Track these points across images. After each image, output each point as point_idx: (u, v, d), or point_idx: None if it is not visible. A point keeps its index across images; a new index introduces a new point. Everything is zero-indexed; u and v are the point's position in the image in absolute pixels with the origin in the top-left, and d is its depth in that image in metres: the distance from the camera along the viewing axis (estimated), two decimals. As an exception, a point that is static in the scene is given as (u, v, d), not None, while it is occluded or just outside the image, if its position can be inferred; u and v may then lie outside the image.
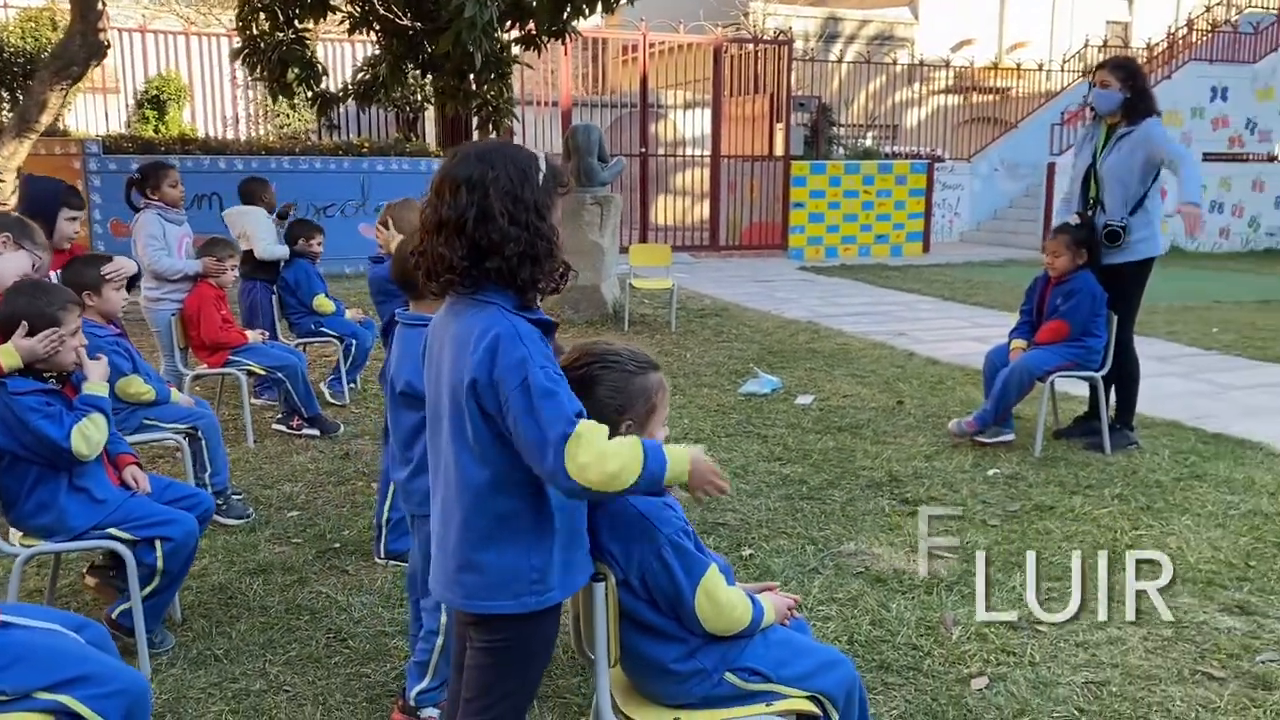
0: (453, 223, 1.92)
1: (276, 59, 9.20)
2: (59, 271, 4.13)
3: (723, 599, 2.10)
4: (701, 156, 16.38)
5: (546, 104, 15.59)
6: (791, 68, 16.28)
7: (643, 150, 15.47)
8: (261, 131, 15.88)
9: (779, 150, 16.24)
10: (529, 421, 1.84)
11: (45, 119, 8.84)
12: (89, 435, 3.09)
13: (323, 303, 6.48)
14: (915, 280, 13.11)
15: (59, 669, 2.17)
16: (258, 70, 9.42)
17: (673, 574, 2.06)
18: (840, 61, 19.43)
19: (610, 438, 1.90)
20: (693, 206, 16.83)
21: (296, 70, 9.26)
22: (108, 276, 4.11)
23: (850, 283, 13.07)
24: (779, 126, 16.26)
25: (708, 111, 16.23)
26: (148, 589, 3.19)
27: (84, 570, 3.71)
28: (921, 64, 19.14)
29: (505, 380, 1.86)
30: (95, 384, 3.26)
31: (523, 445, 1.87)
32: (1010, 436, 5.58)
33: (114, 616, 3.24)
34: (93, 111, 14.44)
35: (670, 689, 2.16)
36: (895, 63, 19.42)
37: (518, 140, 15.30)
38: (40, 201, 4.22)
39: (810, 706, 2.18)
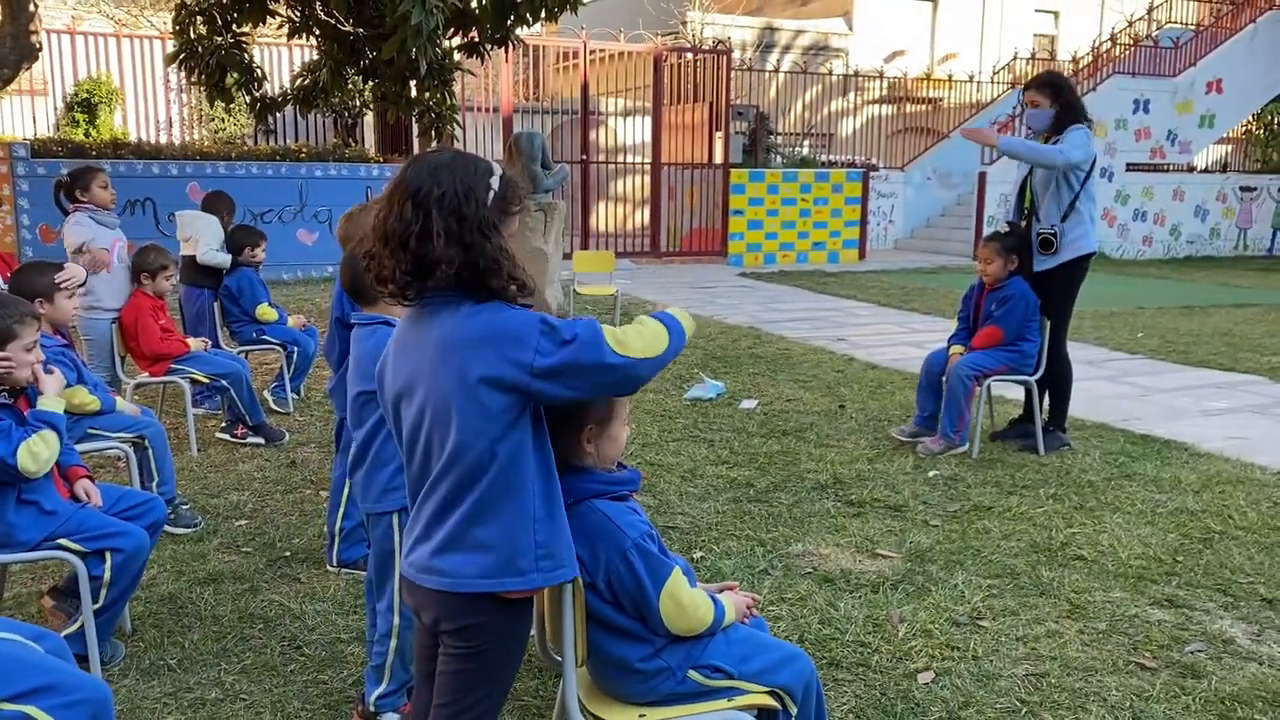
0: (397, 236, 1.95)
1: (215, 63, 9.08)
2: (5, 279, 4.06)
3: (686, 601, 2.16)
4: (642, 164, 16.49)
5: (487, 110, 15.57)
6: (730, 77, 16.47)
7: (583, 157, 15.53)
8: (196, 136, 15.62)
9: (718, 158, 16.41)
10: (572, 349, 1.92)
11: (-27, 122, 8.63)
12: (37, 453, 3.05)
13: (266, 311, 6.42)
14: (852, 286, 13.35)
15: (21, 679, 2.16)
16: (195, 75, 9.28)
17: (638, 577, 2.11)
18: (777, 71, 19.70)
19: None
20: (633, 213, 16.93)
21: (235, 75, 9.15)
22: (60, 284, 4.05)
23: (789, 289, 13.26)
24: (718, 135, 16.44)
25: (648, 119, 16.34)
26: (98, 604, 3.16)
27: (43, 591, 3.65)
28: (856, 74, 19.50)
29: (524, 340, 1.92)
30: (50, 400, 3.21)
31: (575, 370, 1.93)
32: (965, 446, 5.68)
33: (63, 637, 3.19)
34: (20, 114, 14.08)
35: (636, 687, 2.21)
36: (830, 73, 19.75)
37: (458, 146, 15.27)
38: None
39: (770, 701, 2.25)
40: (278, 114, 11.38)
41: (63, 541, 3.13)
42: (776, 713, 2.27)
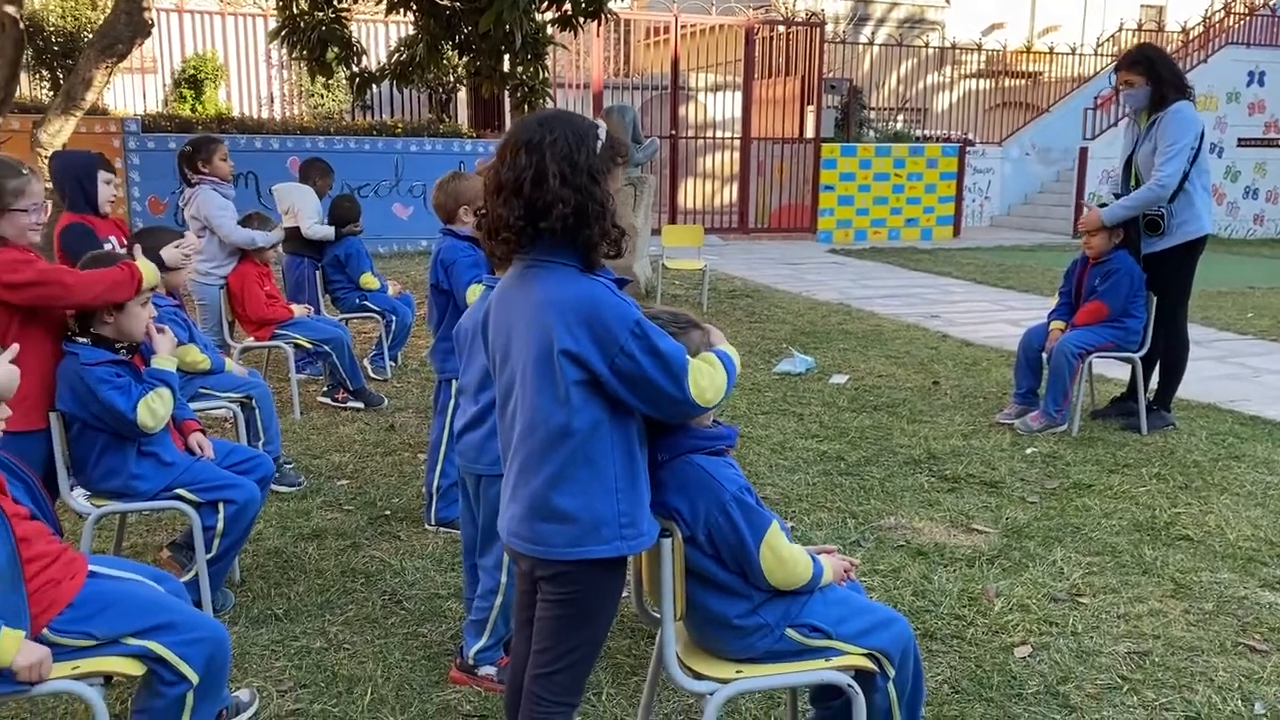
0: (511, 184, 2.00)
1: (316, 38, 9.25)
2: (123, 245, 4.23)
3: (785, 554, 2.17)
4: (731, 139, 16.37)
5: (577, 86, 15.62)
6: (823, 50, 16.22)
7: (672, 132, 15.48)
8: (296, 111, 16.00)
9: (809, 133, 16.21)
10: (654, 362, 1.97)
11: (90, 97, 8.96)
12: (155, 409, 3.17)
13: (369, 279, 6.59)
14: (946, 264, 13.09)
15: (146, 616, 2.27)
16: (297, 50, 9.48)
17: (738, 529, 2.13)
18: (871, 44, 19.32)
19: None
20: (721, 189, 16.83)
21: (336, 50, 9.32)
22: (185, 251, 4.21)
23: (881, 265, 13.06)
24: (810, 109, 16.22)
25: (737, 94, 16.21)
26: (211, 553, 3.29)
27: (159, 543, 3.82)
28: (953, 47, 19.01)
29: (615, 334, 1.96)
30: (163, 358, 3.34)
31: (644, 386, 1.98)
32: (1065, 425, 5.54)
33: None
34: (131, 91, 14.60)
35: (733, 643, 2.23)
36: (926, 46, 19.31)
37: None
38: (76, 168, 4.31)
39: (868, 663, 2.25)
40: (375, 89, 11.64)
41: (180, 491, 3.26)
42: (874, 675, 2.26)
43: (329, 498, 4.51)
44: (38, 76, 13.90)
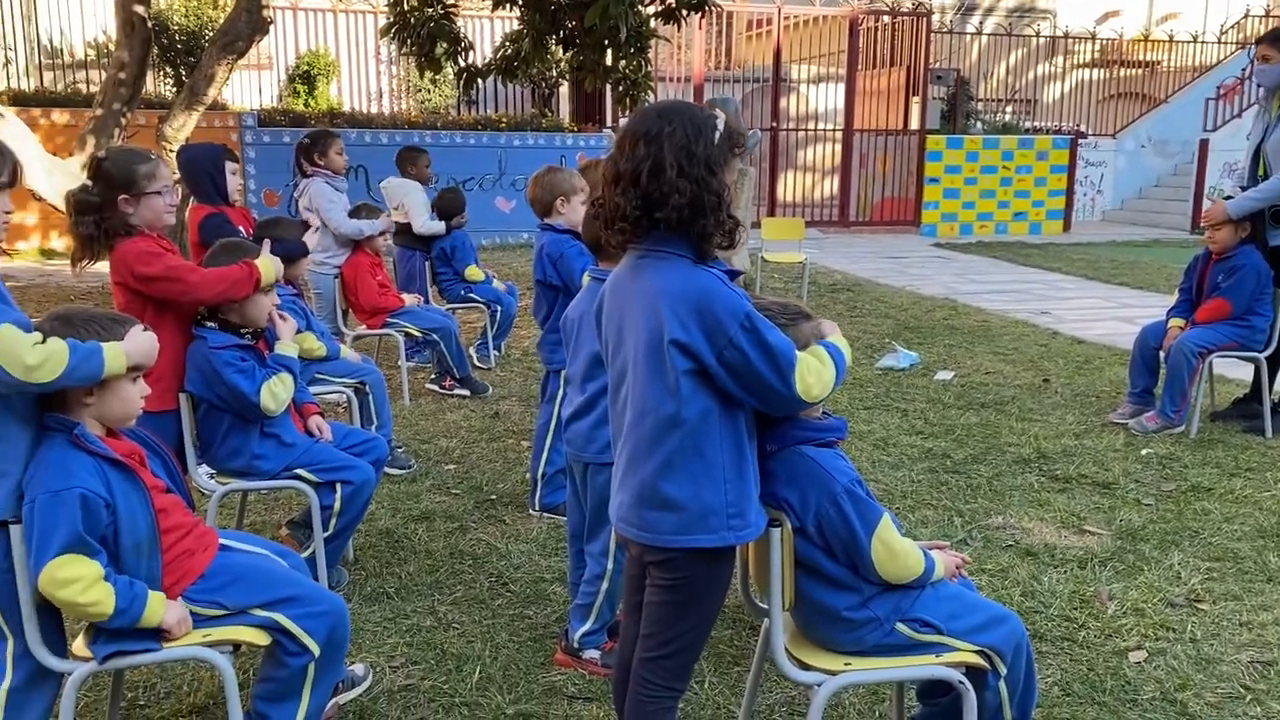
0: (629, 174, 2.02)
1: (425, 34, 9.45)
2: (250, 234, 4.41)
3: (898, 547, 2.15)
4: (832, 131, 16.17)
5: (678, 79, 15.63)
6: (929, 40, 15.90)
7: (773, 124, 15.37)
8: (404, 106, 16.38)
9: (914, 124, 15.91)
10: (761, 356, 1.98)
11: (211, 93, 9.33)
12: (276, 392, 3.30)
13: (474, 272, 6.72)
14: (1056, 259, 12.72)
15: (273, 589, 2.37)
16: (406, 45, 9.70)
17: (849, 521, 2.12)
18: (979, 34, 18.87)
19: None
20: (822, 182, 16.64)
21: (444, 45, 9.50)
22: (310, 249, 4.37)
23: (987, 260, 12.77)
24: (915, 100, 15.92)
25: (840, 85, 16.01)
26: (327, 531, 3.41)
27: (278, 521, 3.97)
28: (1065, 36, 18.44)
29: (725, 326, 1.97)
30: (285, 344, 3.47)
31: (751, 379, 1.99)
32: (1182, 427, 5.35)
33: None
34: (248, 86, 15.13)
35: (843, 636, 2.22)
36: (1037, 35, 18.76)
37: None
38: (205, 160, 4.50)
39: (979, 660, 2.22)
40: (480, 84, 11.85)
41: (299, 471, 3.39)
42: (985, 673, 2.23)
43: (437, 481, 4.62)
44: (163, 74, 14.50)
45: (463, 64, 9.82)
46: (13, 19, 13.75)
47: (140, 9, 9.12)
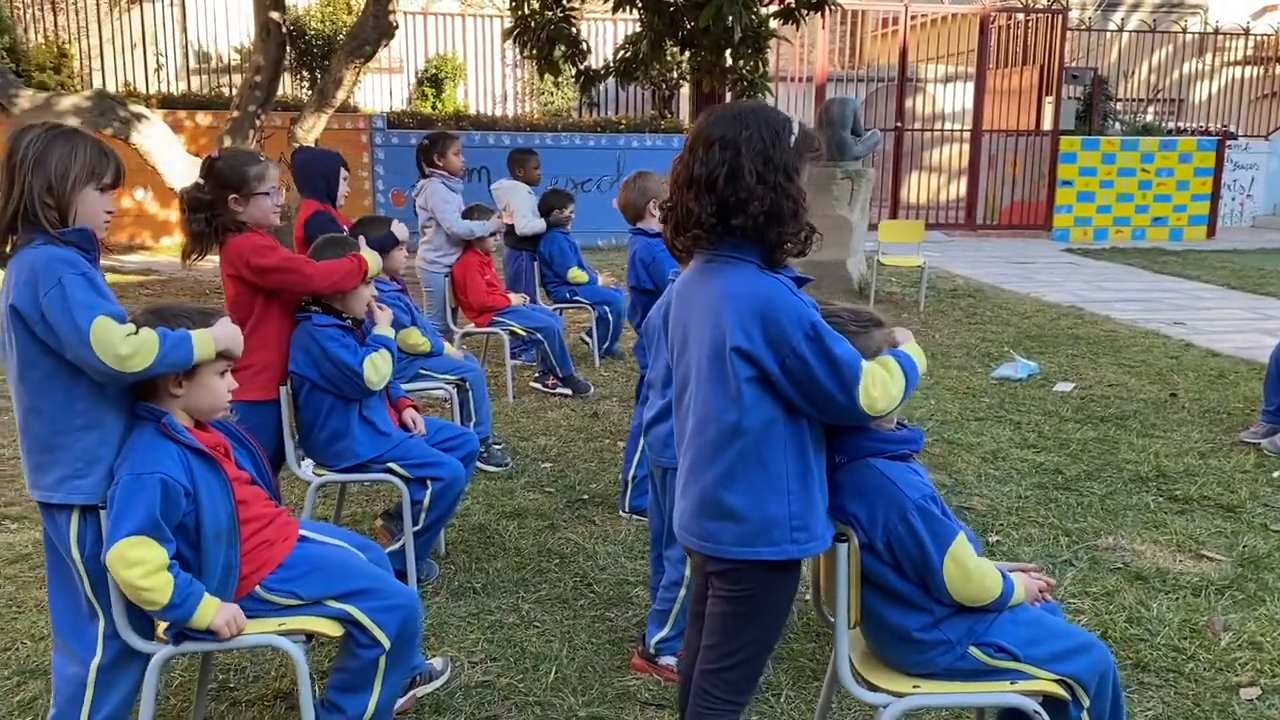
0: (704, 179, 1.97)
1: (545, 37, 9.59)
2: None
3: (972, 566, 2.06)
4: (960, 131, 15.73)
5: (800, 79, 15.44)
6: (1065, 37, 15.30)
7: (898, 125, 15.04)
8: (527, 108, 16.65)
9: (1047, 125, 15.34)
10: (824, 367, 1.92)
11: (340, 95, 9.68)
12: (378, 365, 3.41)
13: (576, 274, 6.77)
14: (1197, 266, 12.07)
15: (348, 581, 2.42)
16: (527, 48, 9.86)
17: (920, 539, 2.04)
18: (1121, 30, 18.05)
19: None
20: (948, 183, 16.21)
21: (563, 48, 9.62)
22: (400, 239, 4.48)
23: (1121, 267, 12.20)
24: (1048, 100, 15.35)
25: (969, 85, 15.55)
26: (417, 526, 3.47)
27: (376, 513, 4.07)
28: (1216, 32, 17.48)
29: (788, 334, 1.92)
30: (383, 327, 3.59)
31: (813, 390, 1.94)
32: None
33: (386, 553, 3.54)
34: (379, 90, 15.62)
35: (912, 658, 2.14)
36: (1184, 31, 17.84)
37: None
38: (325, 164, 4.65)
39: (1058, 690, 2.10)
40: (600, 87, 11.96)
41: (392, 465, 3.47)
42: (1066, 704, 2.11)
43: (532, 479, 4.67)
44: (299, 78, 15.09)
45: (580, 66, 9.92)
46: (168, 26, 14.52)
47: (276, 15, 9.51)
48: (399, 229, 4.57)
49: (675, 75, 15.61)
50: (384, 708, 2.44)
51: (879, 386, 1.96)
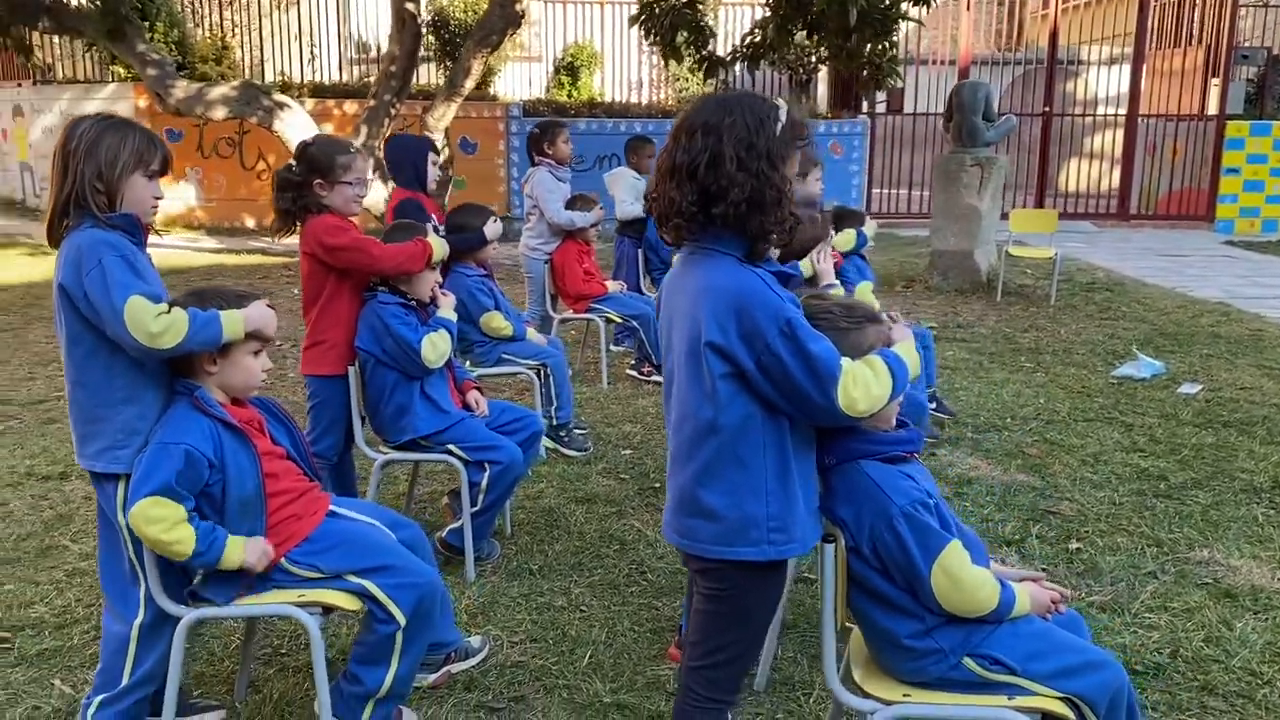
0: (685, 167, 1.94)
1: (668, 24, 9.60)
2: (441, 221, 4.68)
3: (964, 577, 1.97)
4: (1115, 115, 14.90)
5: (942, 62, 14.94)
6: (1235, 15, 14.27)
7: (1045, 109, 14.37)
8: (661, 95, 16.69)
9: (1212, 109, 14.37)
10: (800, 364, 1.86)
11: (469, 84, 9.92)
12: (436, 344, 3.52)
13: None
14: (1373, 262, 11.11)
15: (368, 557, 2.50)
16: (651, 35, 9.89)
17: (905, 547, 1.96)
18: (1304, 5, 16.71)
19: None
20: (1100, 171, 15.40)
21: (685, 34, 9.60)
22: (489, 238, 4.62)
23: (1285, 262, 11.35)
24: (1214, 82, 14.37)
25: (1125, 67, 14.70)
26: (475, 507, 3.56)
27: (447, 491, 4.19)
28: None
29: (763, 330, 1.87)
30: (446, 310, 3.70)
31: (789, 389, 1.88)
32: None
33: (444, 536, 3.65)
34: (518, 78, 15.95)
35: (904, 664, 2.07)
36: (1379, 4, 16.36)
37: (908, 100, 14.84)
38: (413, 149, 4.79)
39: (1061, 708, 1.99)
40: (737, 73, 11.87)
41: (451, 447, 3.56)
42: (1069, 724, 2.00)
43: (610, 465, 4.70)
44: (444, 67, 15.54)
45: (703, 52, 9.88)
46: (326, 17, 15.15)
47: (411, 6, 9.83)
48: (491, 229, 4.68)
49: (814, 59, 15.35)
50: (401, 681, 2.52)
51: (860, 387, 1.89)
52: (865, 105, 14.43)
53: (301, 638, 3.17)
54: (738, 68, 10.73)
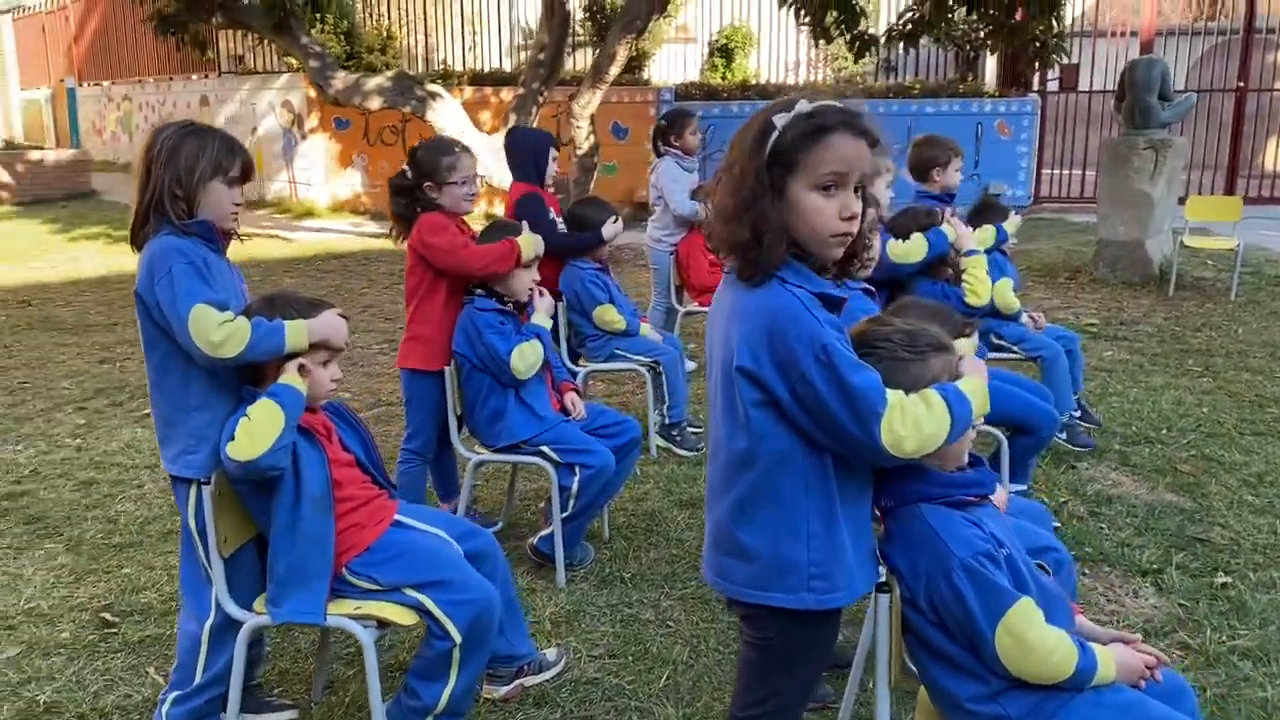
0: (729, 208, 1.81)
1: (818, 3, 9.28)
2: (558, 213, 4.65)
3: (1033, 639, 1.75)
4: (1324, 90, 13.57)
5: (1123, 34, 13.94)
6: None
7: (1240, 85, 13.21)
8: (819, 76, 16.25)
9: None
10: (837, 395, 1.69)
11: (614, 70, 9.88)
12: (525, 354, 3.47)
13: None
14: None
15: (427, 571, 2.46)
16: (800, 15, 9.60)
17: (965, 603, 1.75)
18: None
19: None
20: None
21: (835, 13, 9.27)
22: (606, 239, 4.57)
23: None
24: None
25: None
26: (566, 512, 3.49)
27: (545, 498, 4.15)
28: None
29: (798, 357, 1.71)
30: (540, 316, 3.63)
31: (826, 422, 1.72)
32: None
33: (534, 543, 3.61)
34: (673, 61, 15.84)
35: (967, 729, 1.87)
36: None
37: (1084, 75, 13.90)
38: (534, 144, 4.74)
39: (1149, 794, 1.75)
40: (899, 51, 11.41)
41: (544, 449, 3.51)
42: (1157, 811, 1.76)
43: (720, 469, 4.56)
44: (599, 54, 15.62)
45: (854, 32, 9.52)
46: (489, 4, 15.41)
47: (559, -6, 9.86)
48: (609, 229, 4.60)
49: (981, 35, 14.62)
50: (458, 698, 2.47)
51: (909, 424, 1.69)
52: (1036, 83, 13.63)
53: (384, 639, 3.19)
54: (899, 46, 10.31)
